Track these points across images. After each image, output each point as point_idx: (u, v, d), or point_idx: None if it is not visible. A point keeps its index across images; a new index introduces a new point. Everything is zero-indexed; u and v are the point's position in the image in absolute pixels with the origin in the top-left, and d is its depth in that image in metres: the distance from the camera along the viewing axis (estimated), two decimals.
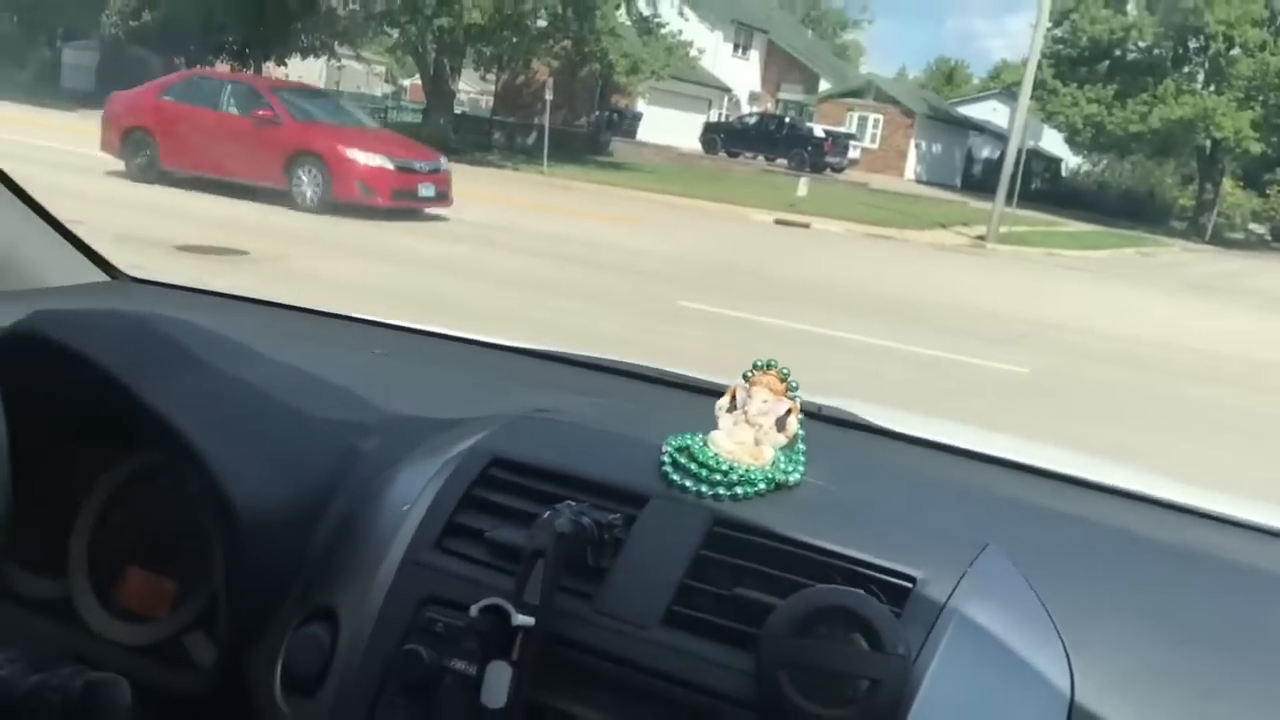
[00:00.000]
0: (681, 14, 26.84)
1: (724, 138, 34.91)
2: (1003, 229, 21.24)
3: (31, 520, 0.98)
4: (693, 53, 27.58)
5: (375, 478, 1.01)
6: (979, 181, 36.68)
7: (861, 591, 0.81)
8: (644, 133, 33.87)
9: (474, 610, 0.80)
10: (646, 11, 26.45)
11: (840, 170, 33.69)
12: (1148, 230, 31.83)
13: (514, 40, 25.64)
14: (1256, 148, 35.24)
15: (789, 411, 0.96)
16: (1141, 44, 36.84)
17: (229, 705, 0.95)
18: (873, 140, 40.56)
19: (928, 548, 0.88)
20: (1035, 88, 34.51)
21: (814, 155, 32.79)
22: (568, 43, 26.51)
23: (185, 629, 0.99)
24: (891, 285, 12.41)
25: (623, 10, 25.82)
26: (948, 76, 67.02)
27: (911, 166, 40.89)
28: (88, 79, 30.20)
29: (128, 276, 1.64)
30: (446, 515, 0.94)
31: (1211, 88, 35.71)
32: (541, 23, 25.42)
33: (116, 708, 0.79)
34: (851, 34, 65.13)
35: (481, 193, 15.77)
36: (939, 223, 22.70)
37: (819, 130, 34.62)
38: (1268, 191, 41.92)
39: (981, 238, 20.95)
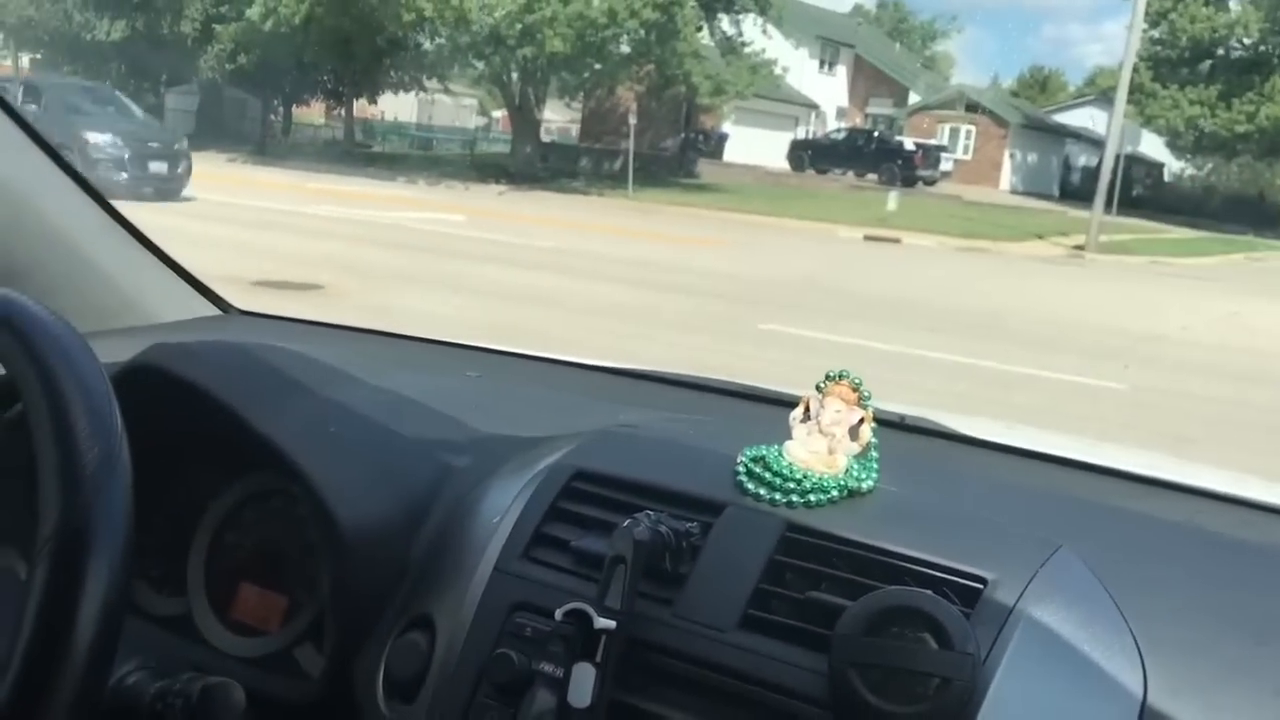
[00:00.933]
0: (765, 32, 26.61)
1: (811, 155, 34.58)
2: (1103, 238, 20.61)
3: (154, 542, 1.08)
4: (777, 71, 27.32)
5: (468, 493, 1.06)
6: (1077, 190, 35.69)
7: (930, 592, 0.82)
8: (730, 153, 33.72)
9: (559, 614, 0.84)
10: (730, 31, 26.35)
11: (932, 183, 33.10)
12: (1258, 234, 30.55)
13: (596, 67, 25.71)
14: None
15: (861, 420, 0.97)
16: (1246, 41, 35.50)
17: (336, 712, 0.99)
18: (965, 152, 39.78)
19: (999, 550, 0.89)
20: (1132, 91, 33.66)
21: (904, 169, 32.26)
22: (651, 67, 26.53)
23: (295, 641, 1.05)
24: (982, 300, 12.03)
25: (705, 31, 25.77)
26: (1042, 85, 65.63)
27: (1006, 177, 40.00)
28: (189, 122, 31.24)
29: (238, 310, 1.72)
30: (534, 526, 0.98)
31: None
32: (624, 48, 25.50)
33: (231, 709, 0.84)
34: (941, 45, 64.29)
35: (558, 219, 15.80)
36: (1035, 233, 22.08)
37: (909, 143, 34.09)
38: None
39: (1080, 247, 20.36)
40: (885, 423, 1.04)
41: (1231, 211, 35.30)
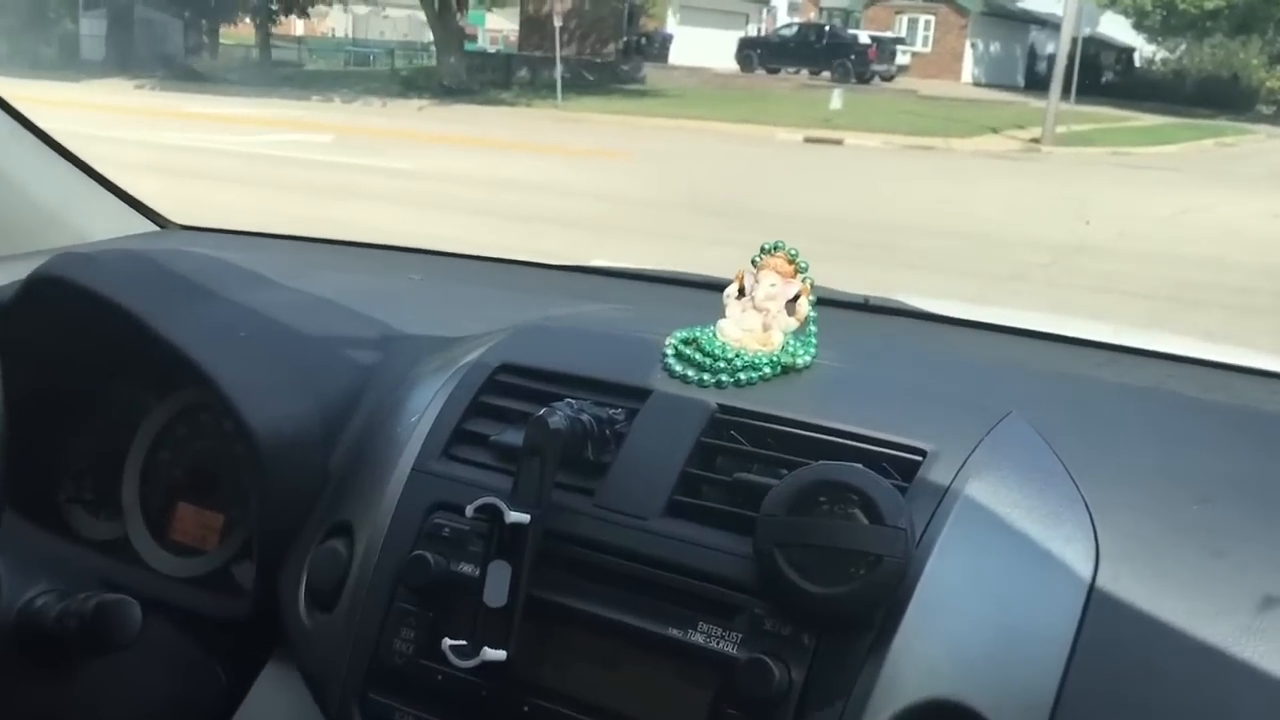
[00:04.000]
0: None
1: (761, 54, 32.80)
2: (1062, 129, 19.39)
3: (86, 464, 1.08)
4: None
5: (390, 394, 1.02)
6: (1042, 80, 34.11)
7: (859, 465, 0.78)
8: (677, 55, 32.17)
9: (469, 511, 0.82)
10: None
11: (890, 78, 31.56)
12: (1231, 118, 29.25)
13: None
14: None
15: (799, 295, 0.93)
16: None
17: (270, 626, 0.97)
18: (924, 44, 37.78)
19: (942, 420, 0.85)
20: None
21: (858, 64, 30.68)
22: None
23: (233, 559, 1.04)
24: (893, 209, 10.62)
25: None
26: None
27: (968, 69, 38.13)
28: (101, 48, 29.71)
29: (177, 225, 1.67)
30: (454, 423, 0.95)
31: None
32: None
33: (126, 625, 0.82)
34: None
35: (448, 134, 14.42)
36: (990, 127, 20.85)
37: (863, 37, 32.32)
38: None
39: (1036, 140, 19.17)
40: (848, 304, 1.08)
41: (1204, 95, 33.99)
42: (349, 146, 13.59)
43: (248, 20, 32.72)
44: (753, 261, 0.95)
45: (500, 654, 0.79)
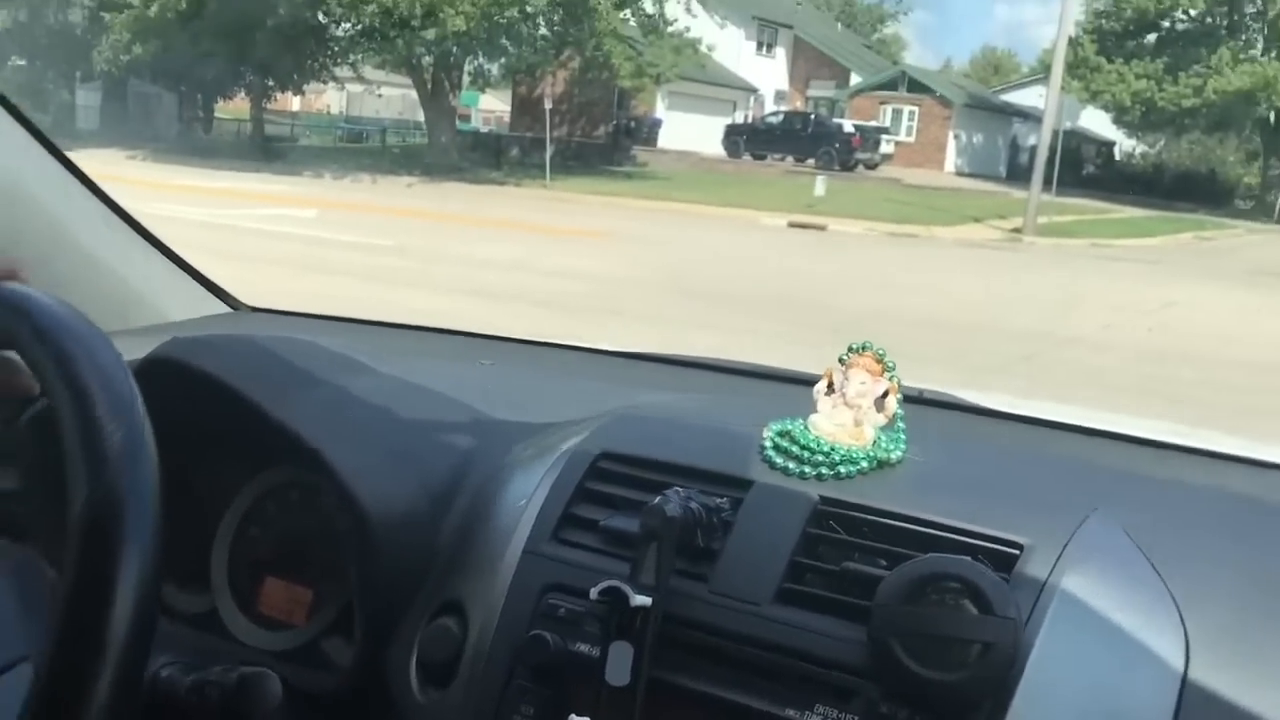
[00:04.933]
0: (690, 11, 25.24)
1: (747, 139, 33.38)
2: (1043, 220, 19.62)
3: (178, 539, 1.04)
4: (703, 49, 25.96)
5: (492, 478, 1.05)
6: (1024, 171, 34.70)
7: (969, 558, 0.81)
8: (666, 139, 32.66)
9: (594, 593, 0.85)
10: (651, 10, 24.97)
11: (874, 166, 32.03)
12: (1210, 212, 29.70)
13: (511, 50, 24.35)
14: None
15: (887, 392, 0.97)
16: (1192, 12, 34.63)
17: (369, 703, 0.99)
18: (908, 133, 38.51)
19: (1033, 516, 0.89)
20: (1077, 65, 33.08)
21: (842, 152, 31.19)
22: (572, 50, 25.25)
23: (323, 633, 1.05)
24: (875, 296, 10.68)
25: (627, 11, 24.45)
26: (995, 66, 65.07)
27: (951, 158, 38.83)
28: (96, 118, 29.96)
29: (248, 307, 1.71)
30: (561, 507, 0.98)
31: (1272, 54, 33.31)
32: (542, 30, 24.18)
33: (269, 697, 0.84)
34: (890, 27, 63.23)
35: (436, 211, 14.43)
36: (973, 217, 21.08)
37: (848, 126, 32.88)
38: None
39: (1018, 230, 19.34)
40: (906, 398, 1.06)
41: (1182, 189, 34.58)
42: (334, 222, 13.63)
43: (243, 95, 33.05)
44: (840, 360, 0.99)
45: None
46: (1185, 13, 34.61)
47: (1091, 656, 0.79)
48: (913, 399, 1.25)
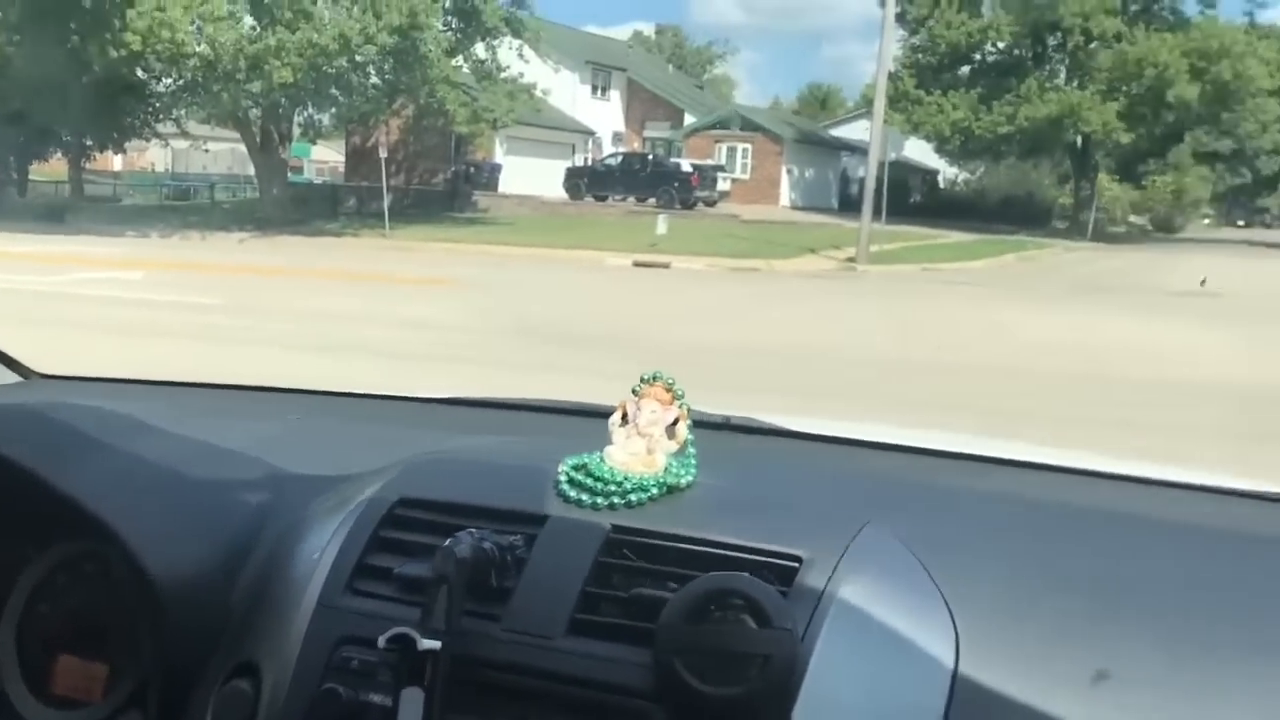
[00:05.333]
0: (522, 57, 25.33)
1: (588, 182, 33.68)
2: (875, 248, 20.32)
3: None
4: (538, 94, 26.09)
5: (289, 532, 1.04)
6: (855, 203, 35.93)
7: (746, 574, 0.83)
8: (507, 184, 32.67)
9: (381, 641, 0.84)
10: (484, 57, 24.98)
11: (712, 204, 32.72)
12: (1030, 233, 31.27)
13: (342, 100, 23.98)
14: (1126, 138, 35.09)
15: (677, 419, 0.99)
16: (1000, 45, 36.73)
17: None
18: (744, 170, 39.55)
19: (812, 530, 0.92)
20: (899, 99, 34.51)
21: (681, 191, 31.76)
22: (405, 98, 25.02)
23: (119, 709, 1.02)
24: (725, 328, 10.86)
25: (459, 58, 24.38)
26: (822, 101, 67.36)
27: (786, 193, 40.01)
28: None
29: (39, 374, 1.66)
30: (355, 558, 0.97)
31: (1075, 83, 35.51)
32: (373, 79, 23.88)
33: None
34: (720, 68, 64.88)
35: (267, 266, 14.01)
36: (809, 248, 21.71)
37: (685, 165, 33.55)
38: (1143, 183, 41.99)
39: (852, 260, 19.94)
40: (711, 425, 1.12)
41: (1003, 212, 36.40)
42: (162, 283, 13.09)
43: (60, 155, 31.64)
44: (633, 390, 1.01)
45: None
46: (994, 45, 36.65)
47: (867, 660, 0.81)
48: (718, 425, 1.30)
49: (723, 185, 34.74)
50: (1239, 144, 40.50)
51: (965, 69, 36.72)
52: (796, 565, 0.86)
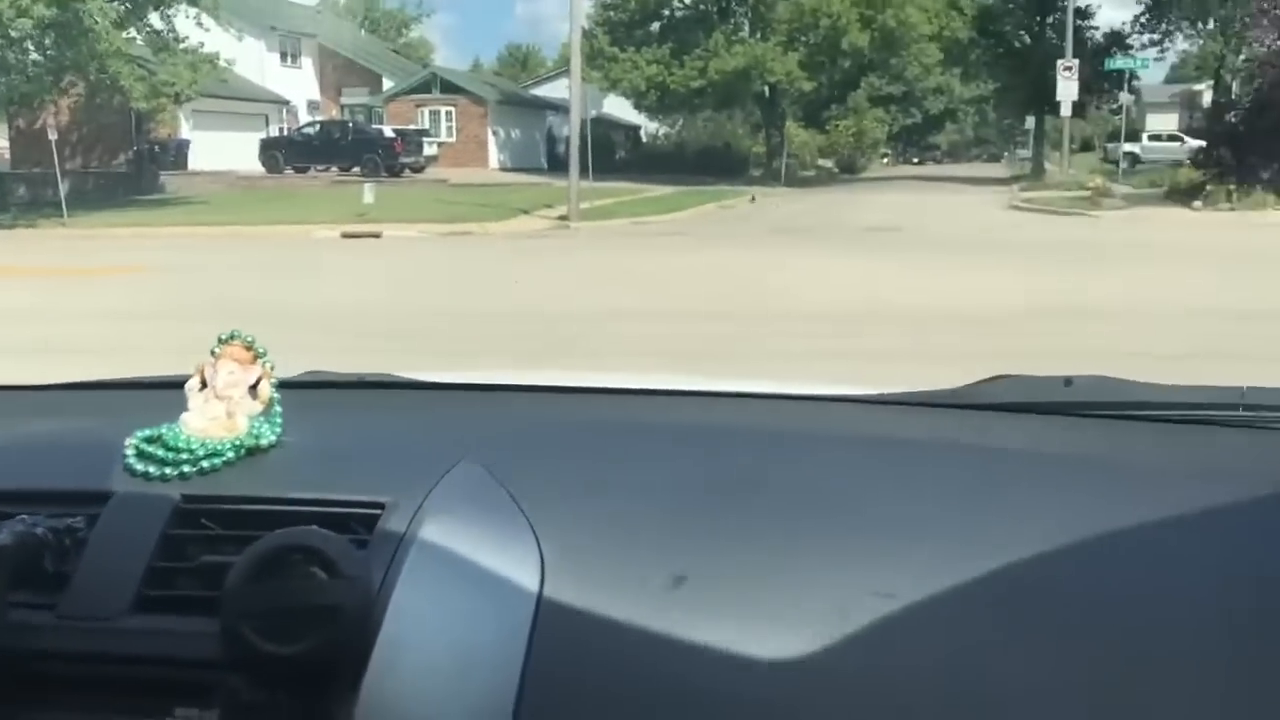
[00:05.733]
0: (201, 25, 23.85)
1: (286, 153, 32.36)
2: (585, 205, 20.63)
3: None
4: (222, 64, 24.64)
5: None
6: (564, 161, 36.33)
7: (313, 527, 0.81)
8: (197, 160, 30.93)
9: None
10: (161, 27, 23.36)
11: (420, 169, 32.15)
12: (730, 182, 32.58)
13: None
14: (808, 86, 37.17)
15: (260, 378, 0.97)
16: (687, 1, 37.76)
17: None
18: (449, 134, 39.10)
19: (398, 475, 0.91)
20: (595, 56, 35.04)
21: (386, 158, 31.05)
22: (73, 75, 23.06)
23: None
24: (443, 294, 10.82)
25: (131, 30, 22.69)
26: (523, 62, 67.31)
27: (494, 155, 39.91)
28: None
29: None
30: None
31: (758, 35, 37.17)
32: (34, 56, 21.87)
33: None
34: (416, 31, 63.52)
35: None
36: (522, 209, 21.77)
37: (388, 131, 32.80)
38: (827, 128, 44.72)
39: (565, 217, 20.23)
40: (344, 384, 1.15)
41: (704, 163, 37.75)
42: None
43: None
44: (212, 352, 0.97)
45: None
46: (681, 1, 37.73)
47: (449, 599, 0.80)
48: (350, 384, 1.31)
49: (430, 150, 34.14)
50: (908, 86, 43.90)
51: (656, 25, 37.65)
52: (379, 512, 0.85)
